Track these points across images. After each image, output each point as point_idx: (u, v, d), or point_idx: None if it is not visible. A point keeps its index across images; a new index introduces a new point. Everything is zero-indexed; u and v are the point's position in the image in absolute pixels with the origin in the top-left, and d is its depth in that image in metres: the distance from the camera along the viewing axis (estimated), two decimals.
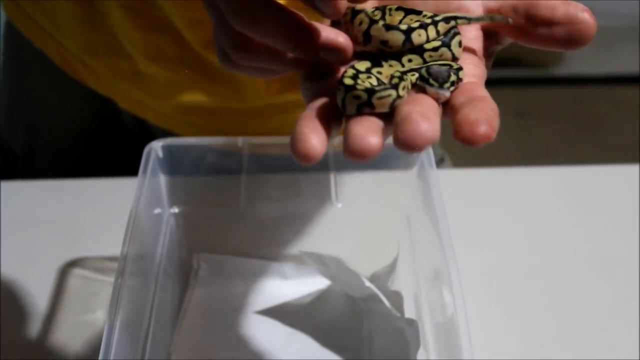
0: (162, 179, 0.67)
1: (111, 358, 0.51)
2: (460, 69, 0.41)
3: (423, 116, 0.35)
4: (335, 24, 0.45)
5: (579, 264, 0.76)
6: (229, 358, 0.65)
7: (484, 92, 0.40)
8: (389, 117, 0.38)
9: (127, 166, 0.89)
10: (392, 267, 0.70)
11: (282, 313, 0.69)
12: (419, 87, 0.40)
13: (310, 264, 0.70)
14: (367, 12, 0.43)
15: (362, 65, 0.42)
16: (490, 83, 0.47)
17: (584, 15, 0.40)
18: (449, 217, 0.59)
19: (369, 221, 0.70)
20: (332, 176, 0.69)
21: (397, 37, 0.42)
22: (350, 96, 0.38)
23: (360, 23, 0.42)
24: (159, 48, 0.75)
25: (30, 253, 0.75)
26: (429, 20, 0.42)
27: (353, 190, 0.70)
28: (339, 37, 0.42)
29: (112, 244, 0.75)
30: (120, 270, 0.56)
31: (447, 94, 0.39)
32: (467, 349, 0.51)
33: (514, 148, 2.15)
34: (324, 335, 0.67)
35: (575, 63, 2.45)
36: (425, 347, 0.61)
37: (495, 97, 0.40)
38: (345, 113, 0.39)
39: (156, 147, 0.66)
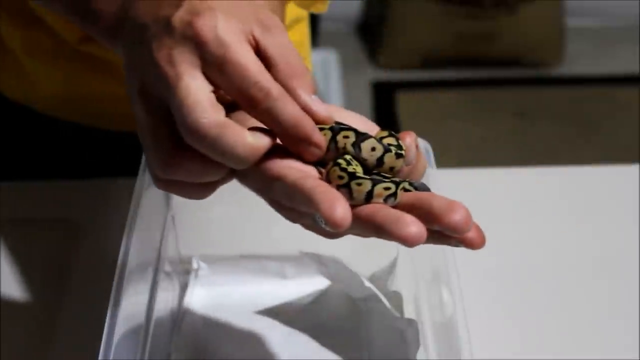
0: None
1: (111, 358, 0.51)
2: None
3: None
4: None
5: (578, 264, 0.76)
6: (229, 358, 0.65)
7: None
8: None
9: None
10: (392, 267, 0.70)
11: (282, 313, 0.69)
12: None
13: (310, 264, 0.70)
14: (380, 141, 0.46)
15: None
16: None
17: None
18: None
19: None
20: None
21: (400, 164, 0.47)
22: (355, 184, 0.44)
23: (373, 149, 0.46)
24: (36, 43, 0.78)
25: (30, 253, 0.75)
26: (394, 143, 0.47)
27: None
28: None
29: (112, 244, 0.75)
30: (121, 270, 0.56)
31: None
32: (466, 349, 0.51)
33: (514, 148, 2.15)
34: (324, 335, 0.67)
35: (575, 63, 2.45)
36: (425, 347, 0.61)
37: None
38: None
39: None
